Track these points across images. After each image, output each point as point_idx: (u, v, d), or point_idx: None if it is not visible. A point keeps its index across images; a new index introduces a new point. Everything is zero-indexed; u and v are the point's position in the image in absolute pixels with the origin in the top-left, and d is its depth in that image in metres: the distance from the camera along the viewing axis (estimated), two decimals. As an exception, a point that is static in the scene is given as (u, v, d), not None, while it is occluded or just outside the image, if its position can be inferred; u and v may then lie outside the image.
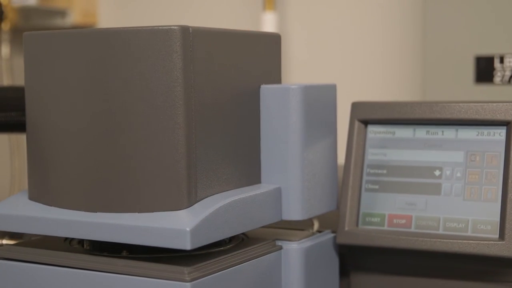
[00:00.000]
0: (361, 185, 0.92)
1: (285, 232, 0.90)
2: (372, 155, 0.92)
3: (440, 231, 0.87)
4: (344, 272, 0.94)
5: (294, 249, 0.85)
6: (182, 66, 0.75)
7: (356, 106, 0.93)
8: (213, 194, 0.80)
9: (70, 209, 0.80)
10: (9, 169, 2.05)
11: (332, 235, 0.92)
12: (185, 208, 0.76)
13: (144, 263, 0.77)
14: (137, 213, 0.77)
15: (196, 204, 0.77)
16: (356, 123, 0.93)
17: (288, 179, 0.85)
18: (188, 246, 0.73)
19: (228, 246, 0.84)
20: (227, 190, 0.81)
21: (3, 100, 1.06)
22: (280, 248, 0.85)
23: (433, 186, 0.88)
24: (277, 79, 0.89)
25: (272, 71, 0.89)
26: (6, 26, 1.97)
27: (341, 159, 0.94)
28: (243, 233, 0.89)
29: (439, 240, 0.86)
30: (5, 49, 1.98)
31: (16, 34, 1.96)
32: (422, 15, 1.50)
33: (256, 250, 0.83)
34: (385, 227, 0.90)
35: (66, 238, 0.87)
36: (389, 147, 0.92)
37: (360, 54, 1.64)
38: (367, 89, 1.63)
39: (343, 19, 1.66)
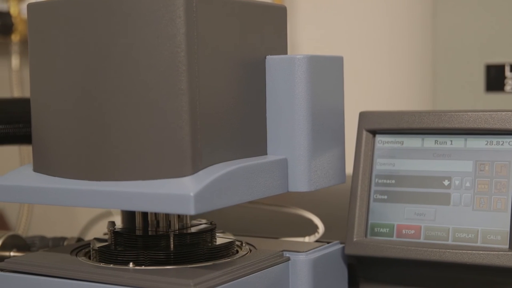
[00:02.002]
0: (369, 195, 0.91)
1: (292, 243, 0.90)
2: (381, 165, 0.92)
3: (450, 242, 0.86)
4: (353, 283, 0.93)
5: (301, 260, 0.85)
6: (185, 32, 0.75)
7: (364, 116, 0.93)
8: (218, 163, 0.79)
9: (74, 178, 0.80)
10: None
11: (341, 245, 0.91)
12: (190, 175, 0.76)
13: (150, 275, 0.76)
14: (141, 181, 0.76)
15: (200, 171, 0.76)
16: (364, 133, 0.92)
17: (295, 150, 0.84)
18: (192, 211, 0.73)
19: (235, 257, 0.83)
20: (232, 160, 0.81)
21: (12, 112, 1.06)
22: (288, 259, 0.85)
23: (442, 196, 0.88)
24: (283, 52, 0.89)
25: (278, 43, 0.88)
26: (16, 37, 1.97)
27: (349, 169, 0.93)
28: (250, 244, 0.89)
29: (448, 250, 0.85)
30: (15, 61, 1.99)
31: (26, 46, 1.97)
32: (432, 24, 1.49)
33: (264, 261, 0.82)
34: (394, 238, 0.89)
35: (72, 250, 0.87)
36: (397, 157, 0.91)
37: (369, 64, 1.64)
38: (375, 99, 1.63)
39: (351, 28, 1.66)
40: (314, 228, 0.93)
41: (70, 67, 0.80)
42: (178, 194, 0.73)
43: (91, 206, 0.78)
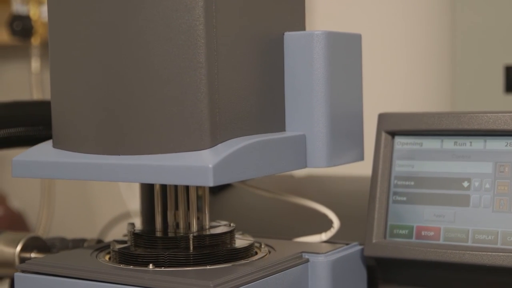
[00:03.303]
0: (388, 197, 0.91)
1: (311, 245, 0.90)
2: (400, 166, 0.91)
3: (469, 243, 0.86)
4: (372, 284, 0.93)
5: (321, 262, 0.85)
6: (204, 5, 0.76)
7: (383, 117, 0.93)
8: (237, 137, 0.79)
9: (93, 153, 0.80)
10: (39, 182, 2.07)
11: (360, 247, 0.91)
12: (208, 148, 0.76)
13: (170, 276, 0.77)
14: (160, 154, 0.77)
15: (219, 144, 0.77)
16: (383, 135, 0.92)
17: (313, 127, 0.85)
18: (210, 183, 0.73)
19: (254, 259, 0.83)
20: (250, 135, 0.81)
21: (32, 115, 1.07)
22: (307, 260, 0.85)
23: (462, 198, 0.87)
24: (301, 28, 0.89)
25: (296, 20, 0.88)
26: (36, 40, 1.99)
27: (368, 170, 0.93)
28: (269, 246, 0.89)
29: (468, 252, 0.85)
30: (35, 64, 2.00)
31: (46, 49, 1.98)
32: (451, 25, 1.49)
33: (283, 263, 0.82)
34: (413, 239, 0.89)
35: (92, 252, 0.87)
36: (416, 158, 0.91)
37: (387, 65, 1.64)
38: (394, 101, 1.62)
39: (369, 29, 1.65)
40: (329, 224, 0.93)
41: (89, 42, 0.80)
42: (197, 166, 0.74)
43: (110, 179, 0.79)
